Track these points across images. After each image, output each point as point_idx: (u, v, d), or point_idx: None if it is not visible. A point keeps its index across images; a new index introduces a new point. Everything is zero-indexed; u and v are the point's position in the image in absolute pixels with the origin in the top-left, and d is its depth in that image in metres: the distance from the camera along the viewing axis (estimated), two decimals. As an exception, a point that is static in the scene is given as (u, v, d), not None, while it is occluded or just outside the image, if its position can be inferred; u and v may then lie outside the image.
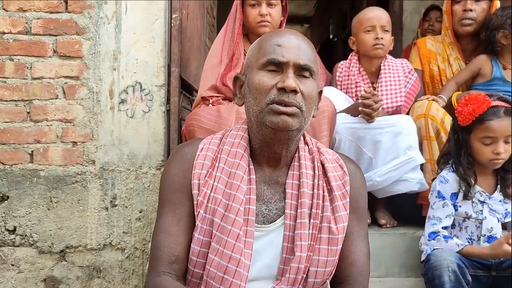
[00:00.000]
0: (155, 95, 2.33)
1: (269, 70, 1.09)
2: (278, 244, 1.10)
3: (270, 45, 1.10)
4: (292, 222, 1.10)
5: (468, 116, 1.82)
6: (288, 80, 1.06)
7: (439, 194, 1.88)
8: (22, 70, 2.28)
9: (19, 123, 2.28)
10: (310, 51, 1.12)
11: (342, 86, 2.47)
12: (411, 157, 2.14)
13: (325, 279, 1.11)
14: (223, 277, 1.04)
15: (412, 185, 2.17)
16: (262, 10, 2.22)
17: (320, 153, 1.18)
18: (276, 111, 1.06)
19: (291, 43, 1.10)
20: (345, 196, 1.14)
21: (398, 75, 2.42)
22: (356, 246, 1.15)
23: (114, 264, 2.30)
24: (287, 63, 1.07)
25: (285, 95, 1.06)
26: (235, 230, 1.05)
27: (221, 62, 2.25)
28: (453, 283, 1.64)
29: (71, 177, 2.29)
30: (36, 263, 2.28)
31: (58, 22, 2.29)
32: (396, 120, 2.22)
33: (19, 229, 2.27)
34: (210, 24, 3.87)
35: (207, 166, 1.12)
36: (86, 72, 2.31)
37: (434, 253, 1.74)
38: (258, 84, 1.09)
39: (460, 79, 2.52)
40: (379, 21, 2.36)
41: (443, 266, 1.66)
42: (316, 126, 2.06)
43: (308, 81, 1.09)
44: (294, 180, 1.13)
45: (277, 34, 1.14)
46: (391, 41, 2.42)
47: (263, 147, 1.13)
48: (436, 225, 1.84)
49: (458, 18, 2.51)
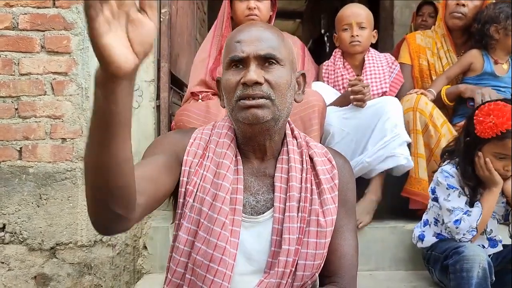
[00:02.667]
0: (144, 90, 2.32)
1: (234, 68, 1.09)
2: (266, 237, 1.10)
3: (232, 44, 1.10)
4: (281, 215, 1.10)
5: (488, 130, 1.77)
6: (248, 74, 1.05)
7: (449, 186, 1.86)
8: (9, 66, 2.26)
9: (7, 119, 2.27)
10: (274, 38, 1.10)
11: (329, 82, 2.52)
12: (396, 134, 2.18)
13: (314, 272, 1.11)
14: (209, 265, 1.04)
15: (400, 160, 2.19)
16: (250, 4, 2.21)
17: (308, 147, 1.18)
18: (243, 106, 1.06)
19: (251, 36, 1.09)
20: (334, 190, 1.14)
21: (381, 65, 2.49)
22: (345, 239, 1.15)
23: (105, 260, 2.30)
24: (247, 57, 1.07)
25: (249, 88, 1.05)
26: (221, 218, 1.05)
27: (210, 56, 2.24)
28: (480, 279, 1.63)
29: (60, 174, 2.28)
30: (26, 261, 2.26)
31: (45, 17, 2.27)
32: (381, 102, 2.25)
33: (9, 227, 2.25)
34: (201, 20, 3.85)
35: (199, 155, 1.12)
36: (75, 67, 2.29)
37: (467, 247, 1.72)
38: (226, 83, 1.10)
39: (451, 73, 2.54)
40: (355, 18, 2.42)
41: (475, 261, 1.65)
42: (306, 120, 2.07)
43: (274, 69, 1.08)
44: (282, 174, 1.13)
45: (239, 31, 1.13)
46: (373, 35, 2.46)
47: (247, 140, 1.13)
48: (459, 214, 1.81)
49: (450, 11, 2.54)
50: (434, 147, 2.27)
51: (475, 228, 1.79)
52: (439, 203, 1.89)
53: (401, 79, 2.53)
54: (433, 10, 3.44)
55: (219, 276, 1.04)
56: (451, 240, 1.87)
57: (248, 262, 1.10)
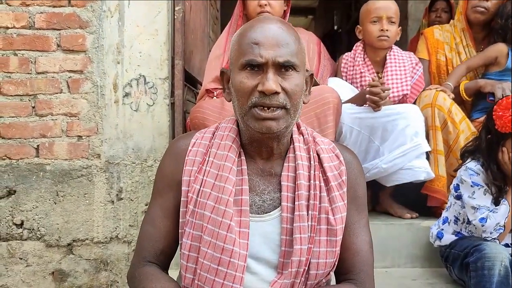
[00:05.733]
0: (159, 88, 2.33)
1: (249, 70, 1.05)
2: (274, 236, 1.09)
3: (247, 43, 1.06)
4: (290, 214, 1.08)
5: (508, 124, 1.74)
6: (267, 83, 1.02)
7: (474, 183, 1.83)
8: (26, 65, 2.29)
9: (25, 117, 2.29)
10: (292, 42, 1.07)
11: (347, 77, 2.46)
12: (417, 143, 2.14)
13: (327, 271, 1.10)
14: (217, 269, 1.03)
15: (418, 174, 2.16)
16: (262, 0, 2.20)
17: (315, 143, 1.16)
18: (258, 117, 1.04)
19: (267, 37, 1.05)
20: (342, 187, 1.12)
21: (404, 65, 2.40)
22: (357, 236, 1.14)
23: (120, 257, 2.32)
24: (266, 63, 1.04)
25: (266, 98, 1.03)
26: (226, 221, 1.04)
27: (224, 52, 2.24)
28: (501, 277, 1.61)
29: (76, 171, 2.30)
30: (43, 257, 2.29)
31: (61, 16, 2.29)
32: (403, 108, 2.21)
33: (27, 223, 2.29)
34: (214, 17, 3.85)
35: (198, 162, 1.11)
36: (90, 66, 2.31)
37: (489, 245, 1.70)
38: (239, 86, 1.06)
39: (473, 63, 2.48)
40: (386, 12, 2.34)
41: (497, 259, 1.63)
42: (321, 117, 2.05)
43: (291, 76, 1.05)
44: (289, 172, 1.11)
45: (254, 29, 1.08)
46: (398, 32, 2.40)
47: (253, 143, 1.12)
48: (485, 212, 1.78)
49: (472, 5, 2.50)
50: (452, 144, 2.24)
51: (503, 226, 1.76)
52: (463, 201, 1.86)
53: (423, 82, 2.47)
54: (446, 5, 3.40)
55: (229, 279, 1.03)
56: (471, 238, 1.85)
57: (256, 261, 1.09)
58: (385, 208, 2.41)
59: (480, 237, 1.81)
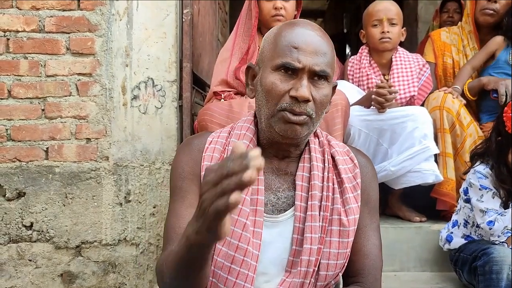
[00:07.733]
0: (167, 90, 2.33)
1: (283, 72, 1.05)
2: (287, 235, 1.09)
3: (286, 45, 1.05)
4: (302, 214, 1.09)
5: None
6: (301, 89, 1.02)
7: (483, 187, 1.82)
8: (36, 68, 2.31)
9: (34, 120, 2.31)
10: (329, 52, 1.07)
11: (353, 80, 2.47)
12: (426, 146, 2.12)
13: (337, 272, 1.10)
14: (230, 267, 1.03)
15: (427, 176, 2.15)
16: (277, 4, 2.20)
17: (330, 146, 1.17)
18: (288, 120, 1.04)
19: (307, 43, 1.04)
20: (356, 189, 1.13)
21: (410, 67, 2.40)
22: (368, 239, 1.14)
23: (129, 259, 2.32)
24: (302, 69, 1.03)
25: (297, 104, 1.03)
26: (242, 219, 1.04)
27: (232, 55, 2.24)
28: (510, 281, 1.60)
29: (85, 173, 2.31)
30: (52, 258, 2.31)
31: (70, 19, 2.31)
32: (411, 110, 2.20)
33: (36, 225, 2.30)
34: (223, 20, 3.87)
35: (216, 158, 1.12)
36: (99, 68, 2.33)
37: (497, 248, 1.69)
38: (271, 87, 1.05)
39: (476, 62, 2.46)
40: (386, 13, 2.35)
41: (505, 263, 1.62)
42: (329, 119, 2.05)
43: (322, 86, 1.05)
44: (304, 172, 1.12)
45: (294, 32, 1.06)
46: (402, 33, 2.40)
47: (272, 144, 1.12)
48: (493, 215, 1.77)
49: (481, 7, 2.48)
50: (459, 147, 2.23)
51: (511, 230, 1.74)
52: (472, 204, 1.84)
53: (431, 84, 2.45)
54: (457, 6, 3.38)
55: (241, 278, 1.04)
56: (480, 241, 1.82)
57: (268, 260, 1.09)
58: (394, 211, 2.39)
59: (489, 241, 1.79)
